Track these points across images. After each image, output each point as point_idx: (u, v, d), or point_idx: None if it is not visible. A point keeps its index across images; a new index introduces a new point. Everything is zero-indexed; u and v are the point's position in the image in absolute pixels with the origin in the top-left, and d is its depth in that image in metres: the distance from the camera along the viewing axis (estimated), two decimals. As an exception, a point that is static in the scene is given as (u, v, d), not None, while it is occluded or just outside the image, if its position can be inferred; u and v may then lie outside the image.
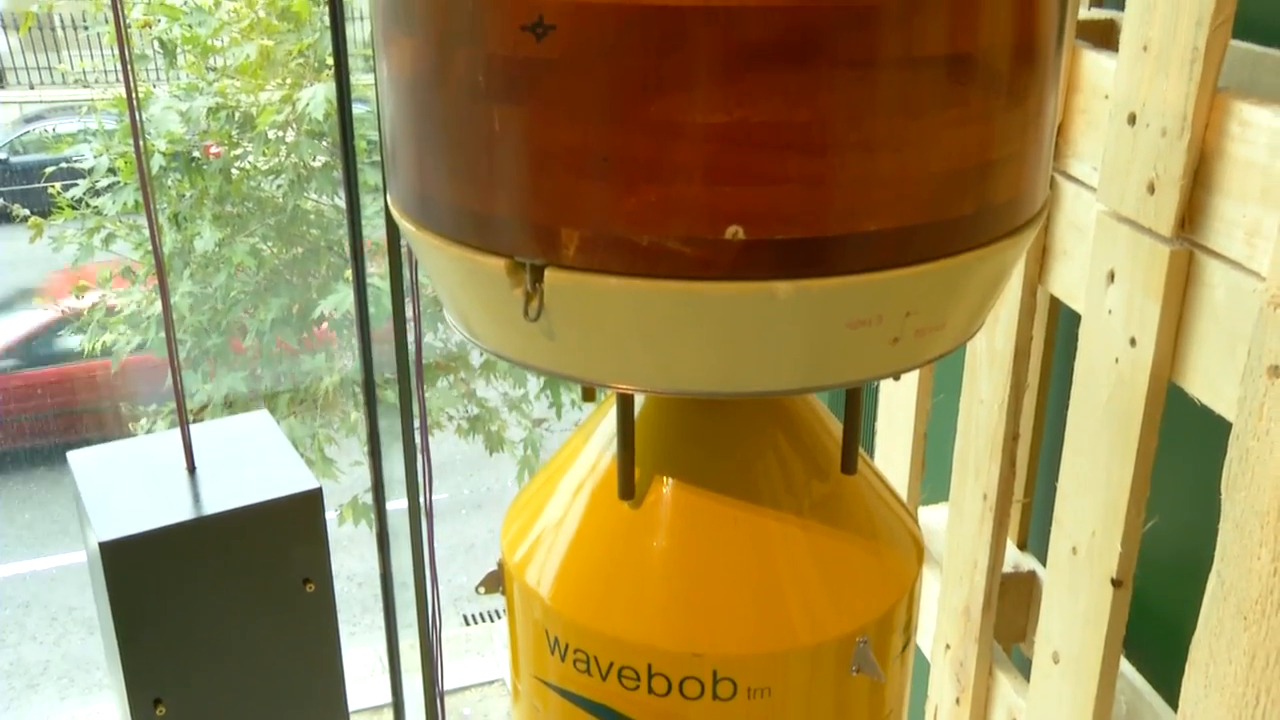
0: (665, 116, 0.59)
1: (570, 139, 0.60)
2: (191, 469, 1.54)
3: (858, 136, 0.60)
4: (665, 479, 0.81)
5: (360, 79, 4.79)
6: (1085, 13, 1.44)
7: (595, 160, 0.60)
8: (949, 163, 0.63)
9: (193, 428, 1.57)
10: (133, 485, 1.51)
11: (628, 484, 0.79)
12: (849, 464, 0.83)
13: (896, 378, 0.72)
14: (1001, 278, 0.73)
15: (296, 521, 1.50)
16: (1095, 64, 1.24)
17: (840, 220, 0.62)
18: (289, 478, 1.52)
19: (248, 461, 1.56)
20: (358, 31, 5.99)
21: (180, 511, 1.45)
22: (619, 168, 0.60)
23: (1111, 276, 1.20)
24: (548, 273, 0.64)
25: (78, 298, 5.14)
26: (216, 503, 1.47)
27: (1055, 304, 1.48)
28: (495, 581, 0.90)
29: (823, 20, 0.57)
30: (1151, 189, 1.13)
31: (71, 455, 1.57)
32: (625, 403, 0.76)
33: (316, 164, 5.22)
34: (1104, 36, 1.36)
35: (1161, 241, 1.12)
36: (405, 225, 0.72)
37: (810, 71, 0.58)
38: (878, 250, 0.63)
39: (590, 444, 0.86)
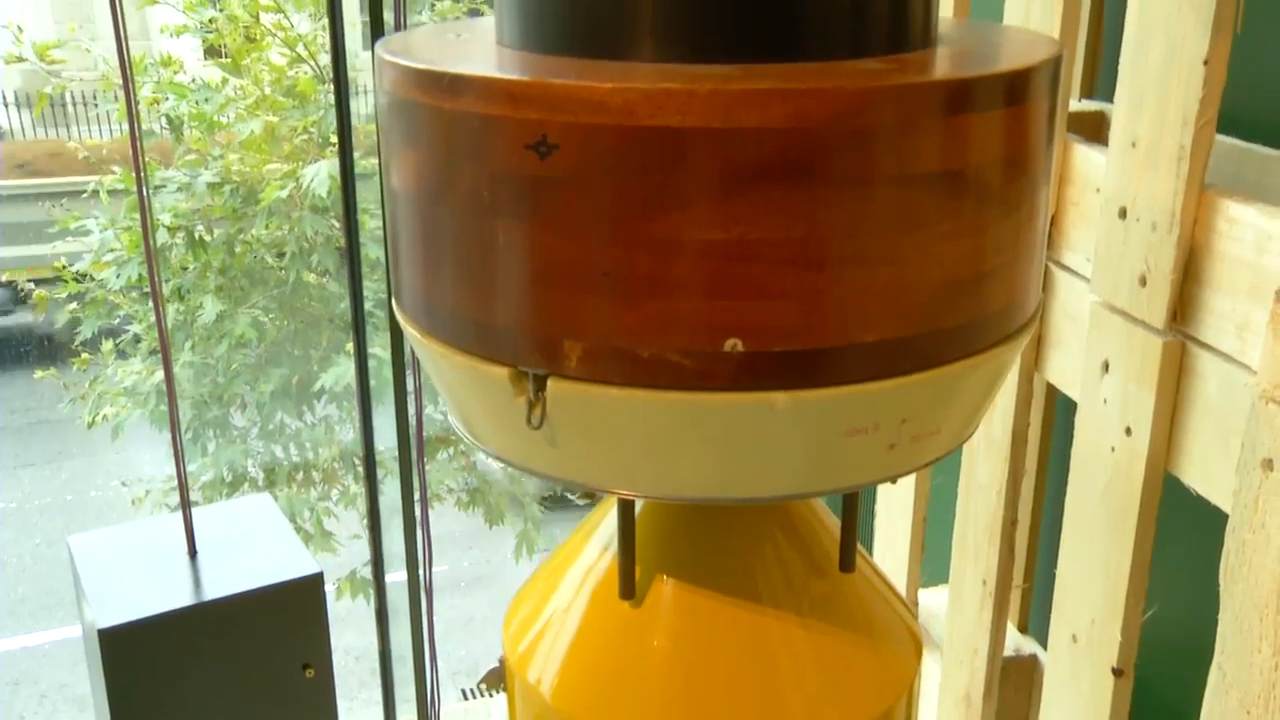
0: (665, 233, 0.60)
1: (573, 254, 0.62)
2: (193, 553, 1.54)
3: (853, 251, 0.62)
4: (665, 578, 0.82)
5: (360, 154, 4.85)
6: (1076, 104, 1.48)
7: (597, 275, 0.62)
8: (942, 274, 0.65)
9: (194, 511, 1.58)
10: (133, 569, 1.51)
11: (628, 584, 0.79)
12: (847, 563, 0.83)
13: (894, 481, 0.73)
14: (996, 382, 0.75)
15: (297, 606, 1.50)
16: (1086, 158, 1.27)
17: (836, 332, 0.63)
18: (290, 562, 1.52)
19: (249, 545, 1.56)
20: (361, 106, 6.08)
21: (180, 597, 1.45)
22: (621, 282, 0.62)
23: (1106, 366, 1.21)
24: (550, 382, 0.65)
25: (80, 370, 5.15)
26: (217, 588, 1.47)
27: (1052, 390, 1.50)
28: (496, 678, 0.90)
29: (818, 141, 0.59)
30: (1143, 282, 1.15)
31: (71, 540, 1.57)
32: (626, 507, 0.77)
33: (319, 239, 5.27)
34: (1094, 129, 1.39)
35: (1154, 333, 1.13)
36: (410, 330, 0.73)
37: (806, 190, 0.60)
38: (874, 361, 0.65)
39: (591, 543, 0.87)
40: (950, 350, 0.67)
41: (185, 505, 1.54)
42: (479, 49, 0.70)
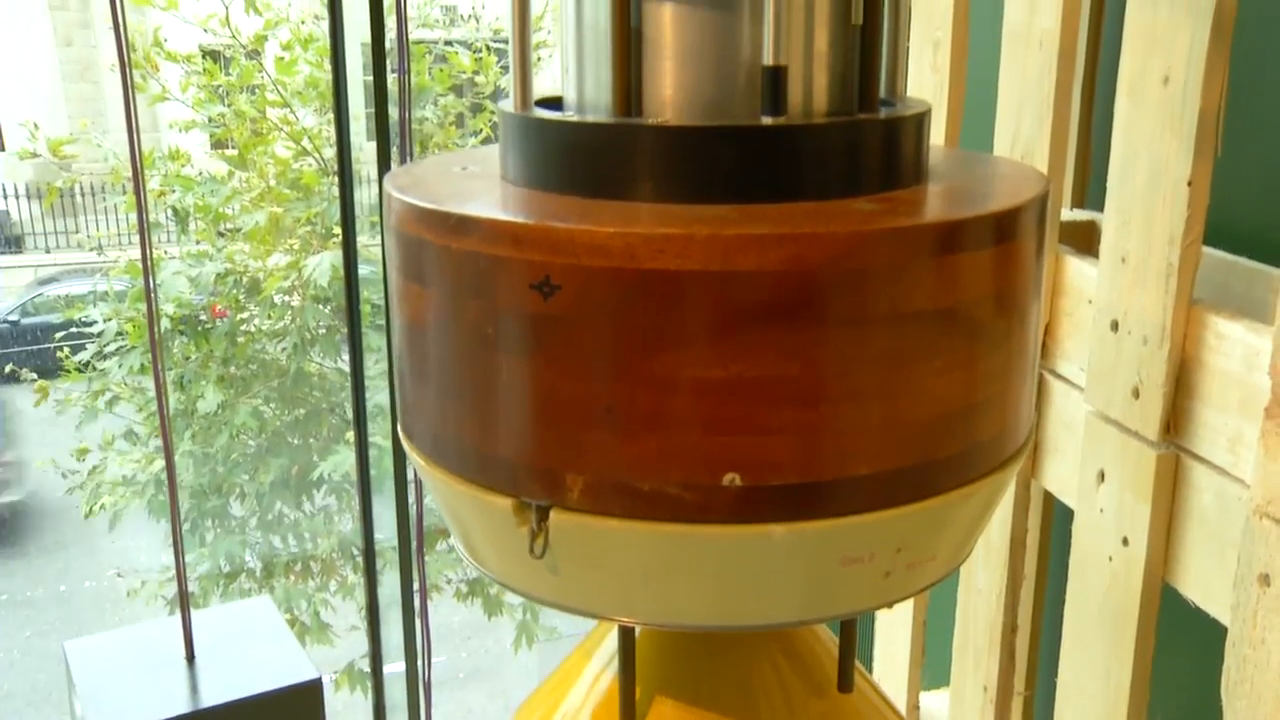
0: (665, 371, 0.62)
1: (575, 390, 0.64)
2: (191, 658, 1.54)
3: (847, 388, 0.63)
4: (665, 700, 0.82)
5: (364, 241, 4.92)
6: (1068, 214, 1.51)
7: (599, 410, 0.64)
8: (935, 408, 0.67)
9: (194, 614, 1.58)
10: (129, 675, 1.50)
11: (629, 709, 0.80)
12: (846, 683, 0.84)
13: (890, 607, 0.73)
14: (989, 508, 0.76)
15: (296, 713, 1.49)
16: (1078, 270, 1.29)
17: (832, 466, 0.65)
18: (289, 668, 1.51)
19: (248, 650, 1.56)
20: (365, 195, 6.17)
21: (177, 704, 1.44)
22: (622, 418, 0.63)
23: (1102, 476, 1.22)
24: (553, 514, 0.66)
25: (78, 460, 5.16)
26: (215, 694, 1.46)
27: (1050, 495, 1.50)
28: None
29: (813, 283, 0.61)
30: (1136, 394, 1.16)
31: (68, 645, 1.57)
32: (627, 632, 0.78)
33: (321, 329, 5.31)
34: (1086, 239, 1.42)
35: (1148, 445, 1.15)
36: (414, 458, 0.75)
37: (801, 329, 0.62)
38: (868, 492, 0.66)
39: (592, 663, 0.87)
40: (944, 480, 0.68)
41: (185, 610, 1.54)
42: (484, 185, 0.73)
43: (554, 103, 0.77)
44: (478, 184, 0.73)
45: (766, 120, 0.66)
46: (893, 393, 0.65)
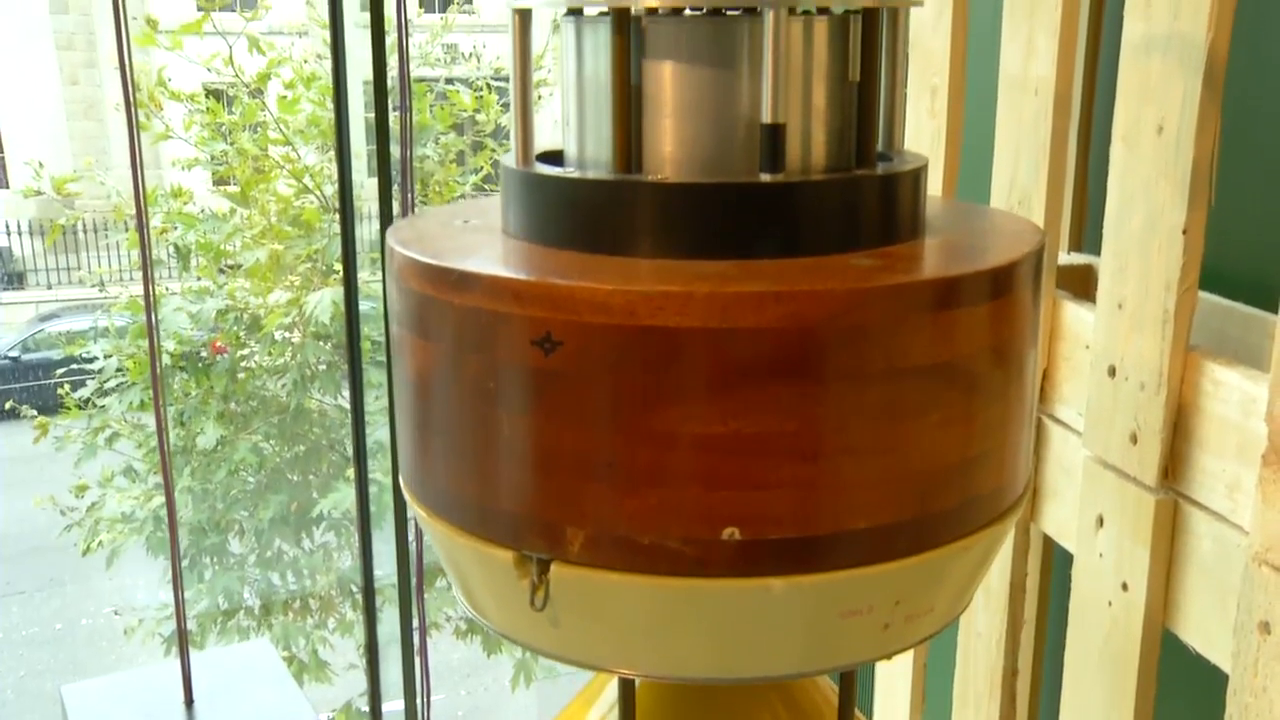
0: (665, 427, 0.63)
1: (576, 444, 0.64)
2: (189, 702, 1.53)
3: (845, 443, 0.64)
4: (665, 750, 0.82)
5: (365, 277, 4.93)
6: (1065, 257, 1.52)
7: (599, 465, 0.64)
8: (932, 461, 0.67)
9: (192, 657, 1.57)
10: None
11: (629, 759, 0.80)
12: (847, 734, 0.84)
13: (889, 659, 0.73)
14: (988, 559, 0.76)
15: (293, 757, 1.48)
16: (1075, 315, 1.30)
17: (830, 520, 0.65)
18: (288, 712, 1.51)
19: (247, 694, 1.55)
20: (365, 231, 6.20)
21: (175, 748, 1.44)
22: (621, 473, 0.64)
23: (1100, 521, 1.23)
24: (553, 567, 0.67)
25: (77, 497, 5.15)
26: (213, 739, 1.45)
27: (1049, 540, 1.50)
28: None
29: (811, 339, 0.62)
30: (1134, 439, 1.17)
31: (65, 690, 1.56)
32: (627, 684, 0.78)
33: (321, 365, 5.31)
34: (1083, 283, 1.43)
35: (1147, 490, 1.15)
36: (416, 508, 0.75)
37: (800, 385, 0.63)
38: (867, 546, 0.66)
39: (591, 713, 0.87)
40: (942, 534, 0.69)
41: (184, 654, 1.53)
42: (486, 239, 0.74)
43: (555, 156, 0.78)
44: (479, 238, 0.74)
45: (765, 177, 0.67)
46: (890, 447, 0.65)
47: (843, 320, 0.62)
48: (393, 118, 2.17)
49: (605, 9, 0.68)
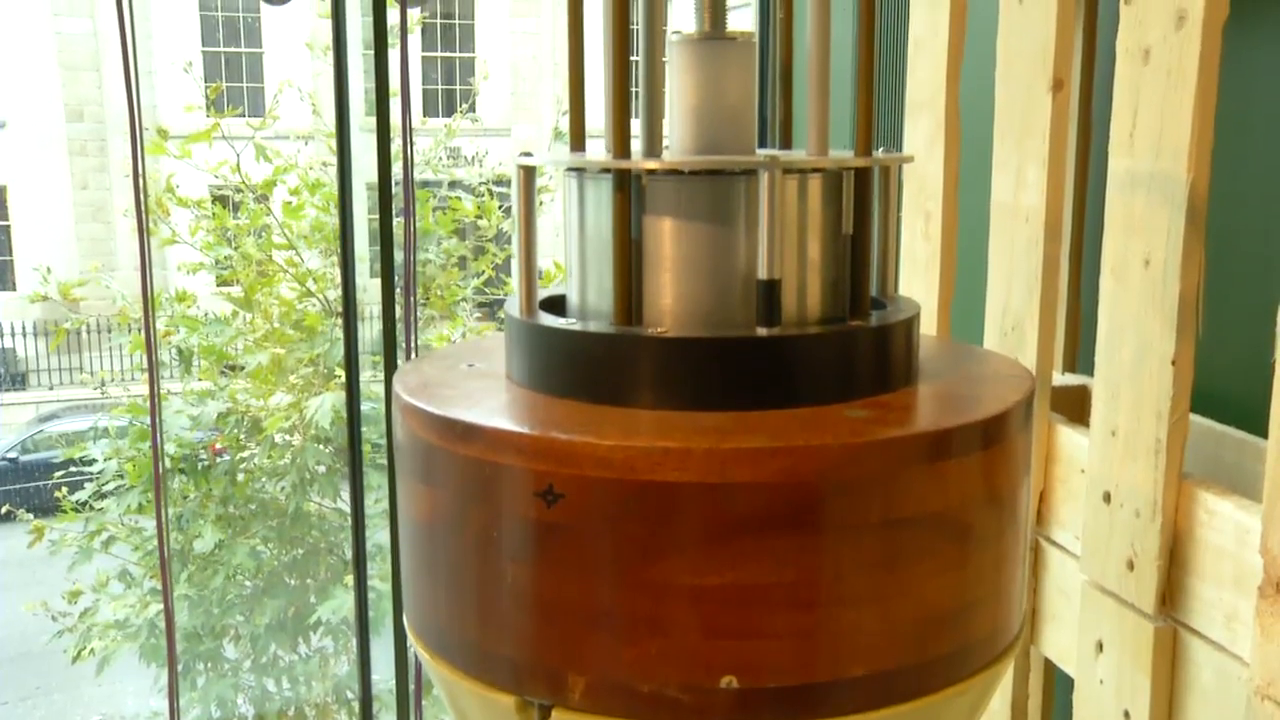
0: (664, 578, 0.64)
1: (577, 594, 0.65)
2: (181, 828, 1.51)
3: (841, 593, 0.65)
4: None
5: (365, 378, 4.96)
6: (1059, 378, 1.54)
7: (600, 614, 0.65)
8: (927, 609, 0.68)
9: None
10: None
11: None
12: None
13: (889, 804, 0.73)
14: (984, 701, 0.76)
15: None
16: (1070, 439, 1.32)
17: (827, 668, 0.66)
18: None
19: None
20: (367, 332, 6.25)
21: None
22: (622, 622, 0.65)
23: (1100, 647, 1.23)
24: (555, 713, 0.67)
25: (70, 603, 5.10)
26: None
27: (1050, 663, 1.50)
28: None
29: (807, 493, 0.64)
30: (1131, 565, 1.18)
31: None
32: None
33: (320, 469, 5.31)
34: (1078, 405, 1.44)
35: (1145, 618, 1.15)
36: (420, 650, 0.76)
37: (796, 538, 0.64)
38: (863, 693, 0.67)
39: None
40: (938, 679, 0.69)
41: (178, 777, 1.51)
42: (490, 387, 0.76)
43: (558, 302, 0.80)
44: (483, 385, 0.76)
45: (762, 331, 0.69)
46: (886, 596, 0.66)
47: (838, 474, 0.64)
48: (396, 223, 2.22)
49: (607, 168, 0.71)
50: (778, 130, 0.87)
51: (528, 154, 0.75)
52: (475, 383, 0.77)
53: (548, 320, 0.74)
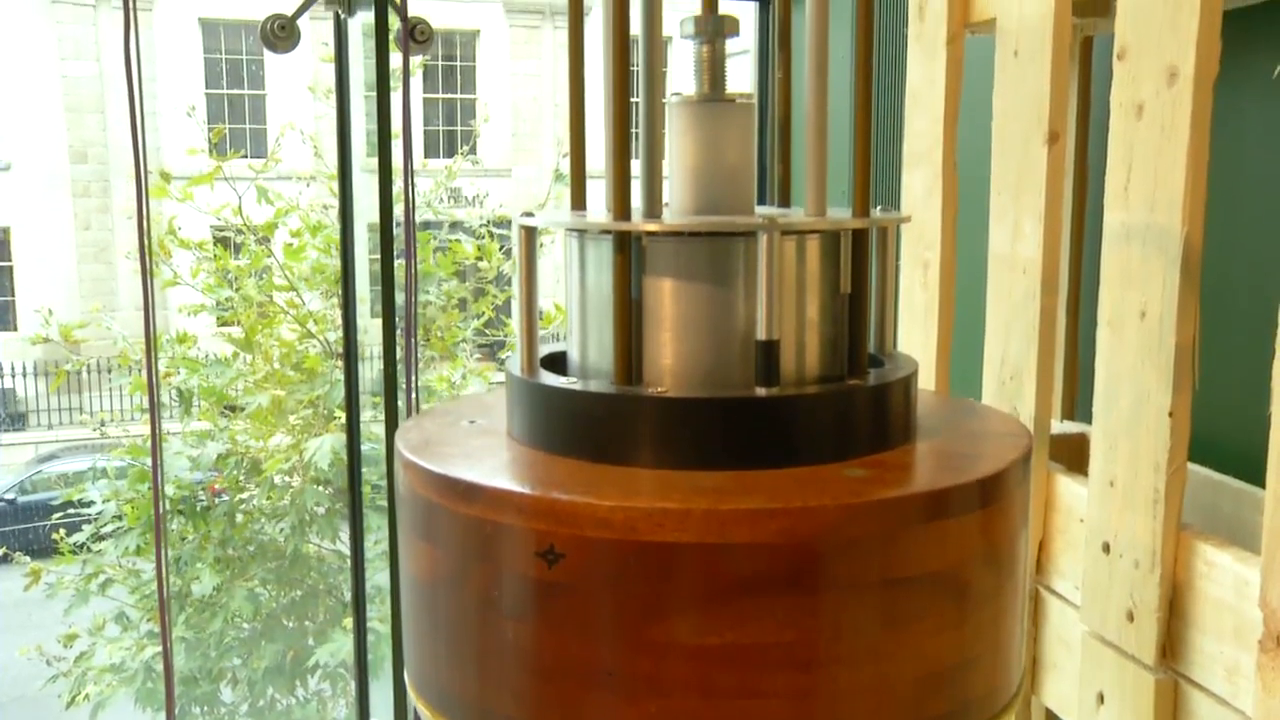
0: (664, 638, 0.64)
1: (577, 653, 0.66)
2: None
3: (839, 652, 0.65)
4: None
5: (364, 418, 4.95)
6: (1058, 426, 1.55)
7: (600, 673, 0.65)
8: (926, 667, 0.68)
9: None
10: None
11: None
12: None
13: None
14: (985, 760, 0.76)
15: None
16: (1068, 489, 1.32)
17: (828, 728, 0.66)
18: None
19: None
20: (367, 371, 6.24)
21: None
22: (622, 681, 0.65)
23: (1101, 698, 1.22)
24: (554, 773, 0.67)
25: (65, 647, 5.07)
26: None
27: (1051, 713, 1.49)
28: None
29: (805, 554, 0.64)
30: (1131, 617, 1.17)
31: None
32: None
33: (320, 510, 5.30)
34: (1078, 453, 1.45)
35: (1146, 670, 1.15)
36: (421, 708, 0.76)
37: (794, 598, 0.64)
38: (864, 753, 0.67)
39: None
40: (938, 738, 0.69)
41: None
42: (491, 444, 0.76)
43: (559, 359, 0.81)
44: (485, 442, 0.76)
45: (760, 391, 0.70)
46: (885, 655, 0.67)
47: (837, 535, 0.64)
48: (397, 264, 2.23)
49: (608, 229, 0.72)
50: (776, 187, 0.88)
51: (529, 214, 0.76)
52: (476, 440, 0.77)
53: (549, 379, 0.75)
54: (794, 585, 0.64)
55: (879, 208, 0.79)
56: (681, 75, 0.83)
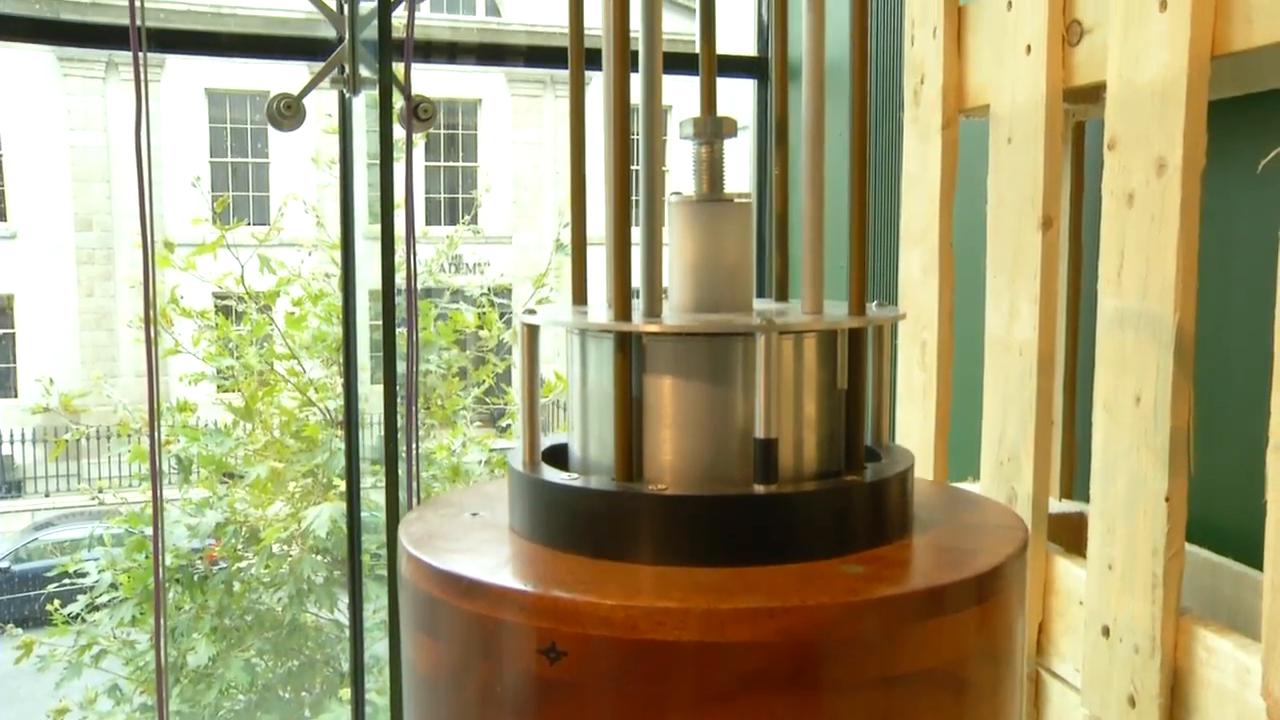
0: (665, 736, 0.64)
1: (578, 751, 0.66)
2: None
3: (841, 751, 0.66)
4: None
5: (365, 485, 4.94)
6: (1056, 505, 1.55)
7: (601, 771, 0.65)
8: (927, 765, 0.68)
9: None
10: None
11: None
12: None
13: None
14: None
15: None
16: (1068, 571, 1.32)
17: (828, 828, 0.66)
18: None
19: None
20: (368, 438, 6.24)
21: None
22: (622, 780, 0.65)
23: (1106, 785, 1.22)
24: None
25: (57, 721, 5.01)
26: None
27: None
28: None
29: (803, 652, 0.65)
30: (1132, 702, 1.17)
31: None
32: None
33: (318, 579, 5.27)
34: (1076, 534, 1.45)
35: (1149, 757, 1.15)
36: (420, 801, 0.76)
37: (793, 695, 0.65)
38: None
39: None
40: (940, 833, 0.69)
41: None
42: (494, 538, 0.77)
43: (560, 451, 0.82)
44: (487, 536, 0.77)
45: (759, 489, 0.71)
46: (885, 754, 0.67)
47: (835, 633, 0.65)
48: (398, 333, 2.25)
49: (609, 329, 0.73)
50: (775, 280, 0.90)
51: (532, 311, 0.78)
52: (479, 534, 0.78)
53: (550, 475, 0.76)
54: (793, 683, 0.64)
55: (874, 303, 0.80)
56: (682, 176, 0.85)
